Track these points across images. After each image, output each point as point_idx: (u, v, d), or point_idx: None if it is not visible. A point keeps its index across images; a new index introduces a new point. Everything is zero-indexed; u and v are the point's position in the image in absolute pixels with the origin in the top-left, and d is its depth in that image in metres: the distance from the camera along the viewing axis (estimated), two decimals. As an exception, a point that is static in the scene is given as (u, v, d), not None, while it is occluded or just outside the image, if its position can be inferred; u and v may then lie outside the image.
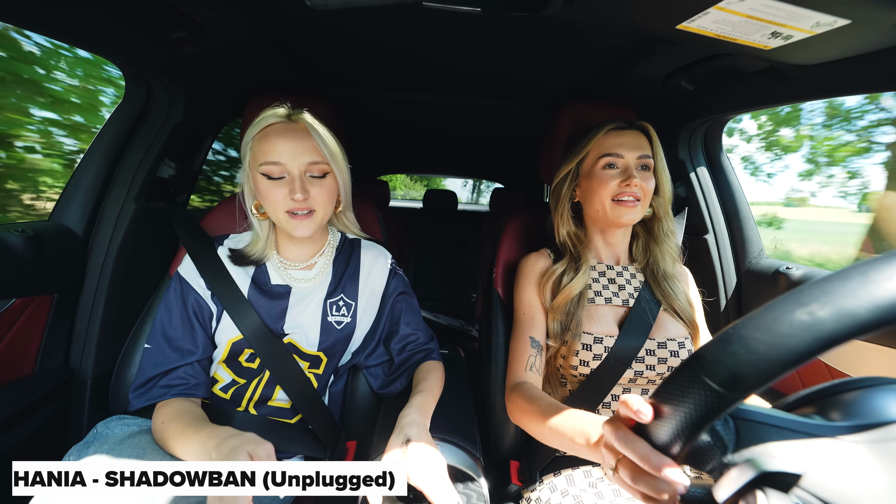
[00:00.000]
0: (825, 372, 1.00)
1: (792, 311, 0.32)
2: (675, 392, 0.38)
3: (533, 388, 0.83)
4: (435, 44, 1.07)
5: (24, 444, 0.91)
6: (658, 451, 0.40)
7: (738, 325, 0.35)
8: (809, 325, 0.31)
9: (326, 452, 0.90)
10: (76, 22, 0.78)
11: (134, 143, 1.08)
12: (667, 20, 0.70)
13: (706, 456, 0.38)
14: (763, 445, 0.36)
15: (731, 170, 1.34)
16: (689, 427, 0.37)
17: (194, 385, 0.82)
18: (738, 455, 0.37)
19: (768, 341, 0.32)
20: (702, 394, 0.35)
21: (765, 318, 0.34)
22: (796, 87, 0.91)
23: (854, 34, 0.65)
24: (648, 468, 0.40)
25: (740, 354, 0.34)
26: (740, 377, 0.33)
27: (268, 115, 0.81)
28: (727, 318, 1.29)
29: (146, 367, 0.81)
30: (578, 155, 0.94)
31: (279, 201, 0.79)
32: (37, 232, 0.94)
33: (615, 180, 0.88)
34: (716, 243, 1.32)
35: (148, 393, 0.79)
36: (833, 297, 0.31)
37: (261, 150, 0.79)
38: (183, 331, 0.83)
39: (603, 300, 0.93)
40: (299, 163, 0.79)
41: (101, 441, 0.74)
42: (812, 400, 0.40)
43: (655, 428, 0.40)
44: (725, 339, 0.35)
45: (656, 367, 0.86)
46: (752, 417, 0.38)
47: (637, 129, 0.93)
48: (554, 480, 0.85)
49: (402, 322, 0.95)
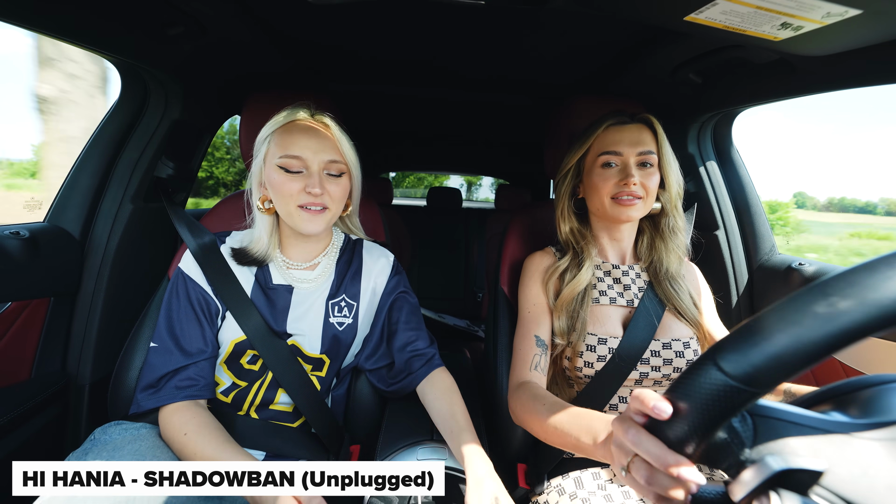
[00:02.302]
0: (839, 370, 1.00)
1: (817, 302, 0.32)
2: (691, 387, 0.37)
3: (537, 387, 0.83)
4: (438, 38, 1.07)
5: (21, 452, 0.91)
6: (672, 450, 0.40)
7: (760, 316, 0.35)
8: (835, 317, 0.31)
9: (330, 457, 0.90)
10: (71, 18, 0.79)
11: (130, 141, 1.09)
12: (674, 12, 0.70)
13: (722, 453, 0.38)
14: (782, 442, 0.36)
15: (741, 164, 1.34)
16: (706, 424, 0.36)
17: (203, 386, 0.82)
18: (756, 452, 0.37)
19: (793, 333, 0.32)
20: (721, 389, 0.35)
21: (788, 310, 0.33)
22: (807, 79, 0.91)
23: (865, 24, 0.66)
24: (663, 468, 0.40)
25: (762, 347, 0.33)
26: (762, 371, 0.33)
27: (291, 112, 0.84)
28: (739, 316, 1.30)
29: (156, 366, 0.81)
30: (578, 152, 0.94)
31: (293, 194, 0.81)
32: (32, 234, 0.94)
33: (613, 179, 0.88)
34: (727, 239, 1.32)
35: (158, 393, 0.79)
36: (859, 288, 0.31)
37: (282, 143, 0.81)
38: (190, 328, 0.84)
39: (608, 300, 0.93)
40: (319, 159, 0.82)
41: (100, 447, 0.74)
42: (830, 396, 0.40)
43: (670, 425, 0.40)
44: (746, 332, 0.35)
45: (661, 367, 0.87)
46: (771, 413, 0.38)
47: (640, 122, 0.92)
48: (562, 483, 0.86)
49: (401, 322, 0.95)
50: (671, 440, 0.40)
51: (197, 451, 0.72)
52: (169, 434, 0.76)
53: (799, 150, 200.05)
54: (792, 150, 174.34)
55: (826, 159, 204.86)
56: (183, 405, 0.79)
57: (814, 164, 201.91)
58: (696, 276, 1.02)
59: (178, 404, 0.78)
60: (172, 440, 0.75)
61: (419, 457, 0.83)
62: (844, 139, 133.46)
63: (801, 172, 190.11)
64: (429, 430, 0.90)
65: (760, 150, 73.38)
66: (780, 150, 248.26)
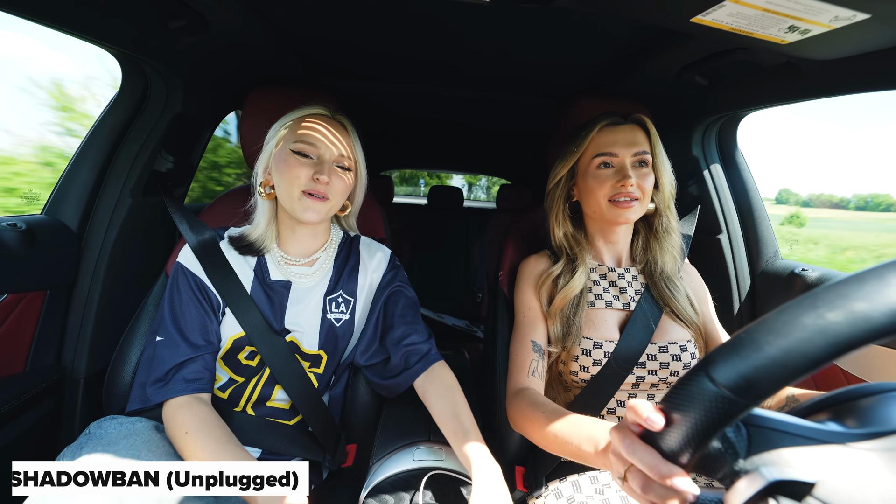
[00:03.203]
0: (841, 377, 1.01)
1: (806, 314, 0.32)
2: (684, 398, 0.38)
3: (536, 393, 0.83)
4: (441, 36, 1.08)
5: (14, 446, 0.92)
6: (667, 460, 0.41)
7: (750, 328, 0.35)
8: (824, 328, 0.31)
9: (326, 455, 0.91)
10: (72, 9, 0.79)
11: (130, 135, 1.09)
12: (680, 13, 0.71)
13: (717, 463, 0.38)
14: (776, 452, 0.36)
15: (745, 167, 1.34)
16: (699, 434, 0.37)
17: (209, 380, 0.84)
18: (750, 462, 0.37)
19: (781, 345, 0.33)
20: (713, 400, 0.35)
21: (778, 322, 0.34)
22: (814, 83, 0.91)
23: (874, 29, 0.66)
24: (657, 478, 0.41)
25: (752, 359, 0.34)
26: (753, 382, 0.33)
27: (312, 107, 0.90)
28: (740, 322, 1.30)
29: (164, 359, 0.81)
30: (574, 154, 0.94)
31: (300, 178, 0.83)
32: (29, 226, 0.95)
33: (610, 180, 0.89)
34: (729, 244, 1.33)
35: (167, 387, 0.80)
36: (848, 300, 0.31)
37: (300, 130, 0.86)
38: (194, 321, 0.84)
39: (603, 304, 0.93)
40: (332, 152, 0.86)
41: (95, 442, 0.75)
42: (826, 406, 0.40)
43: (664, 435, 0.40)
44: (737, 344, 0.35)
45: (658, 371, 0.87)
46: (765, 423, 0.38)
47: (633, 122, 0.93)
48: (560, 486, 0.86)
49: (396, 316, 0.94)
50: (665, 450, 0.41)
51: (196, 452, 0.72)
52: (170, 431, 0.76)
53: (788, 146, 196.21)
54: (780, 146, 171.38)
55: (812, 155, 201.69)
56: (187, 401, 0.79)
57: (801, 160, 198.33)
58: (694, 279, 1.02)
59: (182, 400, 0.79)
60: (173, 437, 0.75)
61: (416, 458, 0.83)
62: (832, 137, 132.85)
63: (787, 169, 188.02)
64: (426, 431, 0.91)
65: (751, 147, 74.86)
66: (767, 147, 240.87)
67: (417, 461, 0.81)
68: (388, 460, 0.84)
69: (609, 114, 0.94)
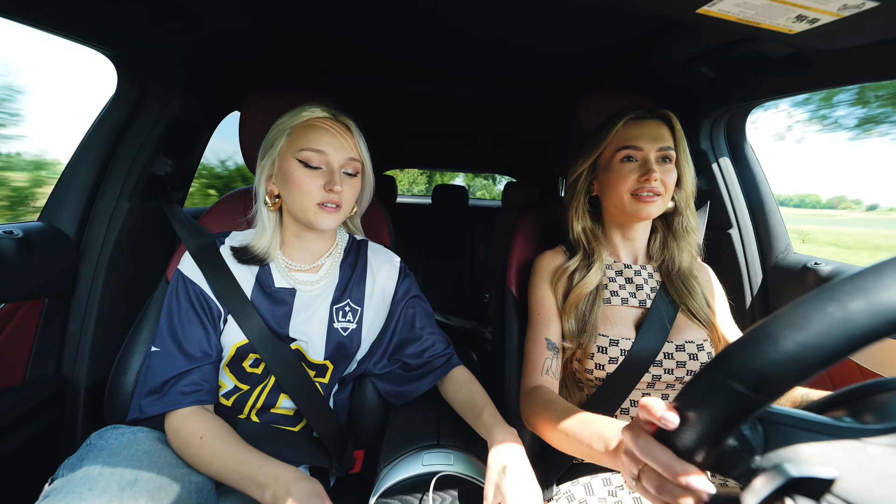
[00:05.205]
0: (856, 372, 1.01)
1: (823, 307, 0.32)
2: (699, 395, 0.38)
3: (549, 392, 0.84)
4: (444, 31, 1.08)
5: (14, 458, 0.92)
6: (681, 459, 0.41)
7: (765, 322, 0.35)
8: (842, 321, 0.31)
9: (333, 462, 0.91)
10: (63, 12, 0.80)
11: (127, 138, 1.10)
12: (686, 4, 0.71)
13: (732, 461, 0.38)
14: (793, 449, 0.36)
15: (755, 161, 1.35)
16: (714, 432, 0.37)
17: (208, 391, 0.83)
18: (767, 459, 0.37)
19: (799, 339, 0.33)
20: (728, 397, 0.35)
21: (794, 316, 0.34)
22: (822, 74, 0.92)
23: (882, 18, 0.67)
24: (672, 477, 0.41)
25: (769, 354, 0.34)
26: (769, 378, 0.34)
27: (312, 109, 0.87)
28: (753, 317, 1.30)
29: (159, 371, 0.81)
30: (598, 147, 0.95)
31: (313, 191, 0.83)
32: (26, 233, 0.95)
33: (634, 174, 0.89)
34: (740, 238, 1.33)
35: (163, 399, 0.80)
36: (866, 291, 0.31)
37: (304, 137, 0.84)
38: (192, 331, 0.84)
39: (619, 300, 0.94)
40: (340, 157, 0.85)
41: (95, 453, 0.75)
42: (843, 401, 0.41)
43: (678, 434, 0.40)
44: (753, 339, 0.35)
45: (675, 370, 0.88)
46: (781, 420, 0.38)
47: (658, 118, 0.93)
48: (571, 489, 0.87)
49: (416, 327, 0.96)
50: (680, 449, 0.41)
51: (216, 454, 0.73)
52: (182, 439, 0.76)
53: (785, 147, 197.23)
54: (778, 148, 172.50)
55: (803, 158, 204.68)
56: (194, 411, 0.79)
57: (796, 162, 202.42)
58: (709, 277, 1.03)
59: (189, 410, 0.79)
60: (187, 444, 0.76)
61: (424, 462, 0.83)
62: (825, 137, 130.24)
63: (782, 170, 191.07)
64: (435, 435, 0.91)
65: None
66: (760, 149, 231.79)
67: (427, 466, 0.82)
68: (397, 465, 0.84)
69: (634, 108, 0.94)
